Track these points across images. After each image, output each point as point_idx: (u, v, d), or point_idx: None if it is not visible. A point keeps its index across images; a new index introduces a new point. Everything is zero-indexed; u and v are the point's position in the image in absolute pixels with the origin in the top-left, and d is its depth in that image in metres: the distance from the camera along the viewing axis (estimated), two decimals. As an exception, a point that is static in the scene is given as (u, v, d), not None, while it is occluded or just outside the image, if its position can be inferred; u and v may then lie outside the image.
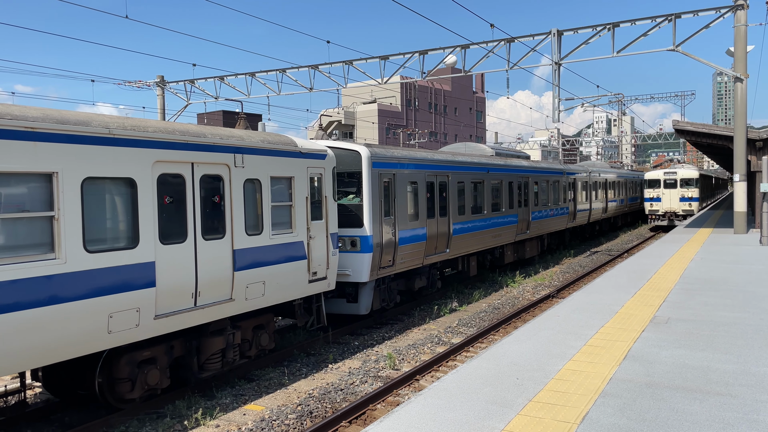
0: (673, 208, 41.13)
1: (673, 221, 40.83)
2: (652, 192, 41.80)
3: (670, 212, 41.06)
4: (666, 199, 41.24)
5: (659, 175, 42.29)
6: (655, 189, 41.65)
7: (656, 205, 41.57)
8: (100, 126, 8.53)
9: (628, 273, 14.49)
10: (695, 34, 23.65)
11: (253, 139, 11.37)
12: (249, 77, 33.57)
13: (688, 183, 40.94)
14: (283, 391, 11.03)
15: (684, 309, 10.35)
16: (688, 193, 40.73)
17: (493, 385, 6.69)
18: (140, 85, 38.66)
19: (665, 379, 6.83)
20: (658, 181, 41.89)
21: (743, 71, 22.77)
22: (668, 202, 41.12)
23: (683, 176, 41.23)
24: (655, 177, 42.35)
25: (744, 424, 5.56)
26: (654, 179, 42.27)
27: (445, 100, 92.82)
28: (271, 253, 11.55)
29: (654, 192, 41.71)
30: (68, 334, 8.00)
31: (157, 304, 9.21)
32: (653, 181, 42.19)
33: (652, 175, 42.78)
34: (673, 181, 41.34)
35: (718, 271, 14.51)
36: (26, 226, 7.70)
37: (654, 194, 41.65)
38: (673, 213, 41.01)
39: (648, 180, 42.61)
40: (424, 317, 17.01)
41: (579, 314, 10.09)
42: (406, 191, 16.63)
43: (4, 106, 7.66)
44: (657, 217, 41.63)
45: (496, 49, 27.16)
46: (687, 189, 40.77)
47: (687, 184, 40.92)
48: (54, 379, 9.79)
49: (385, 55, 29.36)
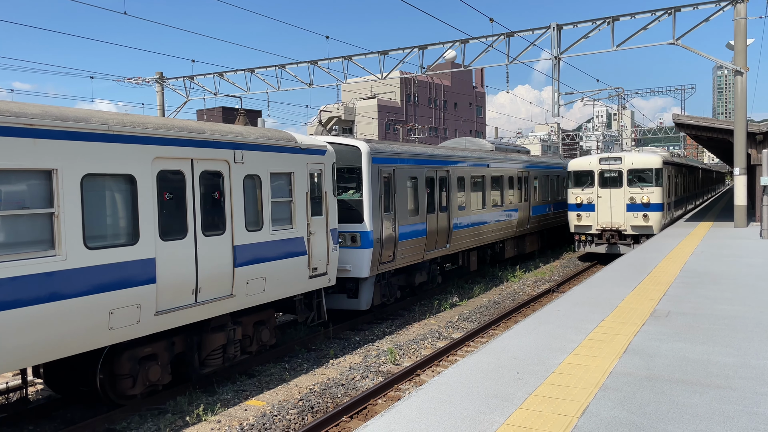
0: (615, 223, 24.20)
1: (617, 246, 24.20)
2: (579, 194, 24.81)
3: (611, 230, 24.27)
4: (603, 206, 24.38)
5: (591, 164, 24.90)
6: (584, 189, 24.74)
7: (586, 217, 24.64)
8: (99, 122, 8.53)
9: (629, 267, 14.49)
10: (695, 27, 23.59)
11: (252, 135, 11.36)
12: (248, 73, 33.52)
13: (642, 178, 24.08)
14: (284, 387, 11.05)
15: (684, 302, 10.36)
16: (642, 196, 23.81)
17: (494, 379, 6.70)
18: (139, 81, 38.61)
19: (665, 372, 6.84)
20: (590, 175, 24.70)
21: (743, 64, 22.72)
22: (606, 213, 24.33)
23: (634, 166, 24.21)
24: (584, 168, 24.98)
25: (744, 417, 5.57)
26: (582, 172, 24.94)
27: (444, 95, 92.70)
28: (272, 249, 11.56)
29: (582, 194, 24.74)
30: (69, 330, 8.01)
31: (157, 300, 9.22)
32: (581, 176, 24.96)
33: (579, 165, 25.19)
34: (615, 174, 24.38)
35: (718, 264, 14.51)
36: (26, 223, 7.71)
37: (582, 198, 24.70)
38: (615, 231, 24.20)
39: (574, 173, 25.18)
40: (424, 312, 17.02)
41: (579, 308, 10.10)
42: (406, 186, 16.62)
43: (3, 103, 7.65)
44: (587, 238, 24.83)
45: (495, 43, 27.10)
46: (641, 189, 23.95)
47: (641, 179, 24.09)
48: (55, 375, 9.80)
49: (384, 50, 29.31)
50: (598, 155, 25.01)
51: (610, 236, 24.25)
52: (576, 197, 24.90)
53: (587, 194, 24.56)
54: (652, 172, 23.98)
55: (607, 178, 24.43)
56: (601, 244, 24.60)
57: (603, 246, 24.58)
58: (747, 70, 22.74)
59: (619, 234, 24.28)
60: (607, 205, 24.33)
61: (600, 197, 24.41)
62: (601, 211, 24.40)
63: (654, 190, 23.81)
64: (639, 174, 24.11)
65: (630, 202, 23.98)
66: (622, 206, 24.14)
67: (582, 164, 25.16)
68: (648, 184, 23.87)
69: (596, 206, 24.51)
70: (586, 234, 24.77)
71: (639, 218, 23.78)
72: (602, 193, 24.42)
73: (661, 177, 24.01)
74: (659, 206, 23.95)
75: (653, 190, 23.80)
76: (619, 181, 24.21)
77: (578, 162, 25.42)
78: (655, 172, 23.95)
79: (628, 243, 24.01)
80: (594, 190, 24.56)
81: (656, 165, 24.01)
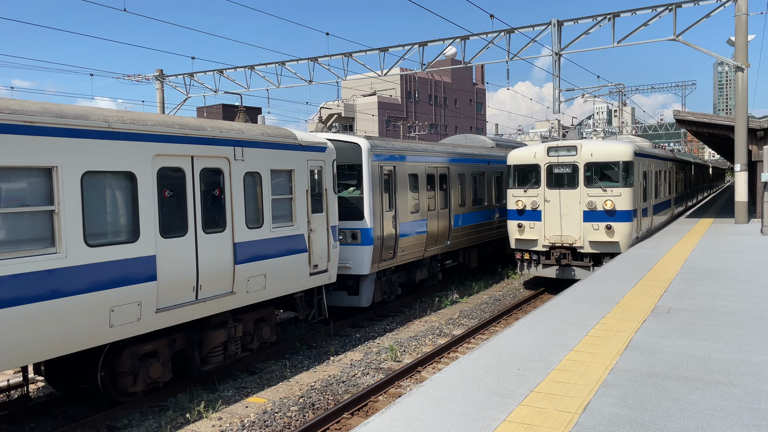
0: (567, 237, 18.00)
1: (570, 270, 18.06)
2: (521, 197, 18.70)
3: (562, 247, 18.09)
4: (552, 214, 18.20)
5: (537, 155, 18.63)
6: (527, 191, 18.61)
7: (530, 229, 18.54)
8: (99, 120, 8.51)
9: (629, 263, 14.48)
10: (696, 23, 23.55)
11: (252, 132, 11.35)
12: (248, 70, 33.48)
13: (606, 176, 17.92)
14: (285, 384, 11.05)
15: (685, 299, 10.35)
16: (604, 200, 17.62)
17: (495, 376, 6.70)
18: (139, 79, 38.57)
19: (667, 368, 6.83)
20: (534, 170, 18.64)
21: (744, 61, 22.68)
22: (556, 223, 18.14)
23: (594, 158, 17.87)
24: (527, 160, 18.78)
25: (745, 413, 5.56)
26: (525, 167, 18.81)
27: (445, 92, 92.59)
28: (272, 246, 11.55)
29: (525, 197, 18.62)
30: (70, 328, 8.01)
31: (158, 297, 9.21)
32: (524, 171, 18.88)
33: (521, 157, 18.95)
34: (568, 170, 18.17)
35: (719, 260, 14.50)
36: (27, 221, 7.70)
37: (525, 202, 18.61)
38: (568, 249, 18.04)
39: (514, 168, 19.04)
40: (425, 309, 17.02)
41: (580, 305, 10.10)
42: (407, 183, 16.61)
43: (3, 100, 7.64)
44: (532, 256, 18.71)
45: (496, 40, 27.06)
46: (603, 190, 17.70)
47: (604, 177, 17.92)
48: (56, 373, 9.81)
49: (384, 47, 29.26)
50: (546, 143, 18.69)
51: (560, 256, 17.81)
52: (516, 201, 18.52)
53: (531, 197, 18.35)
54: (618, 167, 17.41)
55: (558, 175, 18.05)
56: (549, 266, 18.23)
57: (552, 269, 18.19)
58: (748, 66, 22.71)
59: (573, 252, 17.82)
60: (557, 213, 17.91)
61: (548, 201, 18.04)
62: (549, 221, 18.06)
63: (621, 192, 17.33)
64: (601, 169, 17.71)
65: (588, 209, 17.49)
66: (577, 214, 17.70)
67: (524, 156, 18.65)
68: (613, 184, 17.47)
69: (543, 213, 18.13)
70: (530, 251, 18.54)
71: (600, 231, 17.42)
72: (551, 196, 18.02)
73: (632, 174, 17.58)
74: (628, 214, 17.38)
75: (620, 192, 17.33)
76: (573, 178, 17.88)
77: (520, 153, 18.90)
78: (623, 168, 17.40)
79: (587, 265, 17.60)
80: (540, 191, 18.23)
81: (624, 157, 17.45)
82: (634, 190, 17.95)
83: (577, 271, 17.94)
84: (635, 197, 18.10)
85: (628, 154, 17.72)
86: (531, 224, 18.50)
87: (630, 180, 17.67)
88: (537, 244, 18.46)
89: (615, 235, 17.43)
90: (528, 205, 18.50)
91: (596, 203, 17.57)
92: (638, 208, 18.66)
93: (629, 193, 17.61)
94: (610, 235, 17.47)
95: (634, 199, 17.97)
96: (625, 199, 17.52)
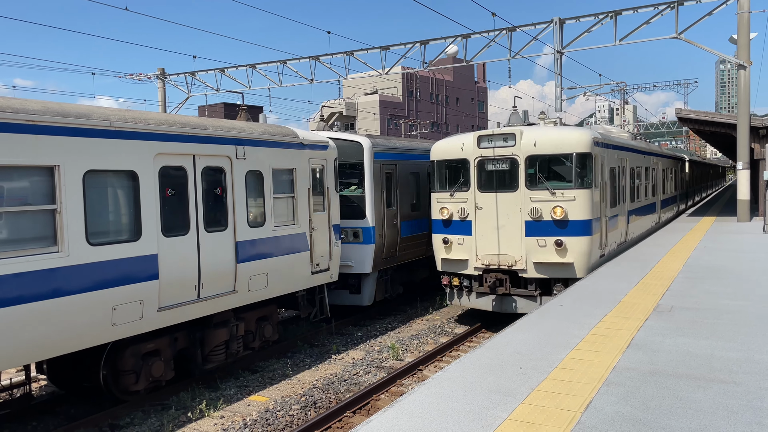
0: (505, 257, 13.72)
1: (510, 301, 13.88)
2: (447, 202, 14.53)
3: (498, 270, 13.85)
4: (486, 225, 13.97)
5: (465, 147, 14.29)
6: (454, 194, 14.40)
7: (458, 245, 14.29)
8: (101, 119, 8.52)
9: (631, 262, 14.46)
10: (698, 21, 23.51)
11: (254, 131, 11.35)
12: (250, 69, 33.47)
13: (555, 173, 13.60)
14: (287, 382, 11.06)
15: (687, 297, 10.34)
16: (552, 206, 13.32)
17: (497, 374, 6.70)
18: (141, 77, 38.58)
19: (669, 367, 6.82)
20: (463, 166, 14.32)
21: (746, 58, 22.64)
22: (491, 238, 13.89)
23: (538, 150, 13.56)
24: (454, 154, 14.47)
25: (748, 412, 5.55)
26: (451, 162, 14.57)
27: (446, 91, 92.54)
28: (274, 245, 11.55)
29: (452, 203, 14.46)
30: (72, 326, 8.02)
31: (160, 296, 9.22)
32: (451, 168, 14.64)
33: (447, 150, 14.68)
34: (505, 166, 13.84)
35: (721, 259, 14.48)
36: (29, 220, 7.71)
37: (451, 209, 14.39)
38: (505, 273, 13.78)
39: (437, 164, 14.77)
40: (426, 308, 17.03)
41: (582, 303, 10.09)
42: (409, 182, 16.61)
43: (5, 99, 7.64)
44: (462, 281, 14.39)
45: (497, 38, 27.03)
46: (551, 193, 13.33)
47: (552, 175, 13.60)
48: (59, 371, 9.82)
49: (386, 45, 29.24)
50: (477, 132, 14.17)
51: (496, 282, 13.60)
52: (441, 208, 14.31)
53: (459, 203, 14.06)
54: (571, 162, 13.16)
55: (493, 174, 13.78)
56: (483, 295, 13.99)
57: (488, 299, 13.98)
58: (750, 64, 22.66)
59: (512, 277, 13.61)
60: (492, 224, 13.66)
61: (480, 209, 13.77)
62: (482, 235, 13.78)
63: (576, 196, 13.03)
64: (548, 164, 13.43)
65: (532, 218, 13.25)
66: (517, 225, 13.42)
67: (450, 148, 14.37)
68: (564, 185, 13.20)
69: (474, 225, 13.85)
70: (459, 275, 14.26)
71: (548, 249, 13.15)
72: (484, 201, 13.75)
73: (591, 170, 13.28)
74: (585, 225, 13.11)
75: (574, 196, 13.03)
76: (512, 178, 13.54)
77: (445, 145, 14.58)
78: (577, 162, 13.10)
79: (532, 295, 13.46)
80: (470, 194, 13.93)
81: (579, 148, 13.14)
82: (595, 193, 13.52)
83: (520, 302, 13.62)
84: (596, 202, 13.64)
85: (584, 144, 13.20)
86: (459, 239, 14.05)
87: (588, 179, 13.22)
88: (467, 266, 14.02)
89: (568, 254, 13.05)
90: (455, 213, 14.08)
91: (542, 211, 13.20)
92: (602, 216, 14.28)
93: (586, 196, 13.11)
94: (561, 254, 13.06)
95: (595, 204, 13.52)
96: (581, 205, 13.05)
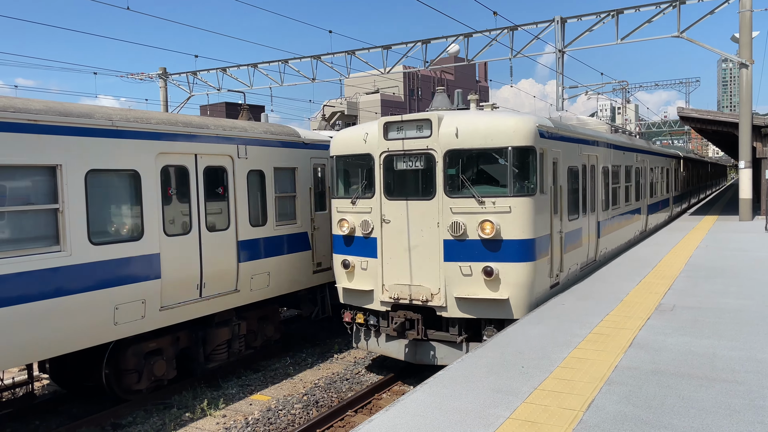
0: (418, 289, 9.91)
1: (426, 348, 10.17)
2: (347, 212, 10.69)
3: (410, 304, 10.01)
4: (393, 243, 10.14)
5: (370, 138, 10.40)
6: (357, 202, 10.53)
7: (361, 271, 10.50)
8: (103, 118, 8.53)
9: (633, 261, 14.45)
10: (700, 20, 23.47)
11: (256, 130, 11.35)
12: (251, 68, 33.48)
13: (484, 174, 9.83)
14: (289, 381, 11.07)
15: (689, 296, 10.33)
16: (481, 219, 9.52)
17: (499, 373, 6.69)
18: (143, 77, 38.60)
19: (671, 366, 6.82)
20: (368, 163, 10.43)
21: (748, 57, 22.60)
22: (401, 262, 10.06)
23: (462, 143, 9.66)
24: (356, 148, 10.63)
25: (750, 411, 5.55)
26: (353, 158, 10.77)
27: (448, 90, 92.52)
28: (275, 245, 11.56)
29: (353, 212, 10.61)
30: (74, 326, 8.04)
31: (162, 295, 9.23)
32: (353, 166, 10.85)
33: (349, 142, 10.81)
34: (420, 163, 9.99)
35: (723, 258, 14.46)
36: (31, 219, 7.72)
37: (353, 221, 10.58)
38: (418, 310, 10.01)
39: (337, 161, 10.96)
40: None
41: (584, 302, 10.08)
42: None
43: (7, 98, 7.66)
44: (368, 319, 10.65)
45: (499, 37, 27.00)
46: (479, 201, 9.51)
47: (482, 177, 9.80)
48: (61, 371, 9.84)
49: (387, 44, 29.23)
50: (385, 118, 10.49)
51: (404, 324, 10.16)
52: (340, 220, 10.80)
53: (362, 213, 10.56)
54: (506, 159, 9.66)
55: (404, 174, 10.31)
56: (393, 339, 10.59)
57: (399, 343, 10.55)
58: (752, 63, 22.62)
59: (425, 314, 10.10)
60: (403, 243, 10.18)
61: (387, 221, 10.30)
62: (390, 258, 10.29)
63: (513, 205, 9.59)
64: (475, 162, 9.97)
65: (453, 236, 9.77)
66: (433, 245, 9.95)
67: (353, 140, 10.83)
68: (497, 190, 9.74)
69: (379, 243, 10.37)
70: (364, 311, 10.77)
71: (475, 279, 9.72)
72: (392, 211, 10.28)
73: (535, 171, 9.79)
74: (525, 247, 9.67)
75: (510, 205, 9.60)
76: (427, 180, 10.08)
77: (347, 136, 11.02)
78: (514, 159, 9.64)
79: (453, 340, 9.99)
80: (375, 202, 10.42)
81: (518, 140, 9.62)
82: (541, 201, 9.86)
83: (440, 350, 10.09)
84: (543, 214, 10.00)
85: (523, 135, 9.51)
86: (363, 262, 10.37)
87: (530, 182, 9.64)
88: (372, 299, 10.35)
89: (501, 286, 9.47)
90: (357, 227, 10.43)
91: (466, 226, 9.54)
92: (555, 233, 10.58)
93: (527, 207, 9.50)
94: (492, 286, 9.48)
95: (540, 217, 9.86)
96: (520, 219, 9.44)
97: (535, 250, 9.79)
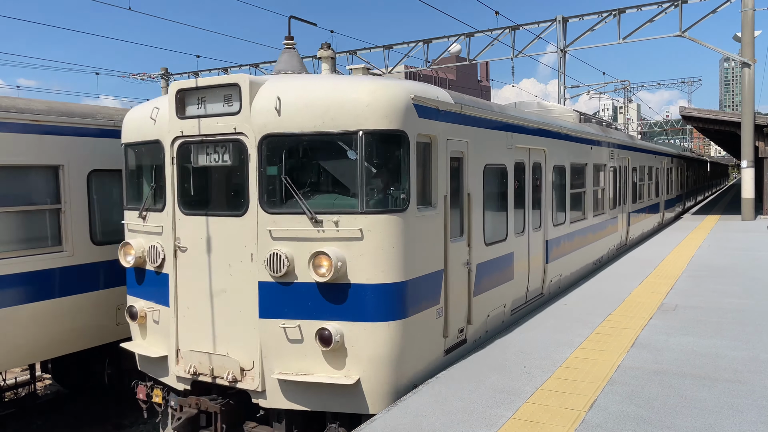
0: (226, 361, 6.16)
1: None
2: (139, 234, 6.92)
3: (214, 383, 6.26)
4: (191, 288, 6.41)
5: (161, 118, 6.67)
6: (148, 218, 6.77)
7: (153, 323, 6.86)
8: (105, 118, 8.53)
9: (635, 261, 14.43)
10: (702, 19, 23.46)
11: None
12: (253, 68, 33.53)
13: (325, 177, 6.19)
14: None
15: (692, 296, 10.31)
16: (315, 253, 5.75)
17: (501, 373, 6.69)
18: (145, 77, 38.68)
19: (673, 366, 6.81)
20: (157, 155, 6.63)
21: (751, 56, 22.56)
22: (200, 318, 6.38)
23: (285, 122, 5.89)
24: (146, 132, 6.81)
25: (753, 410, 5.54)
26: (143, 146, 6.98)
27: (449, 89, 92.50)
28: None
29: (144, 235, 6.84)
30: (76, 326, 8.04)
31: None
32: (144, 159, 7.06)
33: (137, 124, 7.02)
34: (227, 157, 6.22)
35: (726, 258, 14.44)
36: (33, 220, 7.73)
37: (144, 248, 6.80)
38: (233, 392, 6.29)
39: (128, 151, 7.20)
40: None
41: (586, 302, 10.06)
42: None
43: (9, 99, 7.67)
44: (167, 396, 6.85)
45: (501, 36, 27.01)
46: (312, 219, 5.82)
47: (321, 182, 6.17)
48: (63, 371, 9.84)
49: (389, 44, 29.27)
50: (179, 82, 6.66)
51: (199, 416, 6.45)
52: (125, 242, 7.03)
53: (152, 234, 6.85)
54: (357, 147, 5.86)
55: (205, 173, 6.64)
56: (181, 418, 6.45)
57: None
58: (754, 62, 22.59)
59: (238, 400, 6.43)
60: (203, 284, 6.44)
61: (183, 249, 6.58)
62: (186, 306, 6.59)
63: (366, 228, 5.87)
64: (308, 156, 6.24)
65: (272, 276, 6.02)
66: (245, 289, 6.20)
67: (141, 120, 7.09)
68: (344, 202, 6.00)
69: (172, 283, 6.63)
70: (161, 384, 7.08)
71: (307, 348, 6.01)
72: (189, 233, 6.55)
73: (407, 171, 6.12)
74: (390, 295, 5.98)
75: (363, 227, 5.88)
76: (235, 183, 6.37)
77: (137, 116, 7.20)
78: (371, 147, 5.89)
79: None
80: (165, 217, 6.67)
81: (377, 121, 5.86)
82: (422, 221, 6.42)
83: None
84: (425, 241, 6.47)
85: (385, 111, 5.97)
86: (154, 311, 6.96)
87: (399, 190, 6.15)
88: (166, 370, 6.87)
89: (348, 361, 6.04)
90: (143, 257, 6.97)
91: (292, 259, 6.03)
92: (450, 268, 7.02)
93: (391, 230, 6.02)
94: (333, 361, 6.06)
95: (419, 246, 6.36)
96: (379, 250, 5.96)
97: (405, 301, 6.10)
